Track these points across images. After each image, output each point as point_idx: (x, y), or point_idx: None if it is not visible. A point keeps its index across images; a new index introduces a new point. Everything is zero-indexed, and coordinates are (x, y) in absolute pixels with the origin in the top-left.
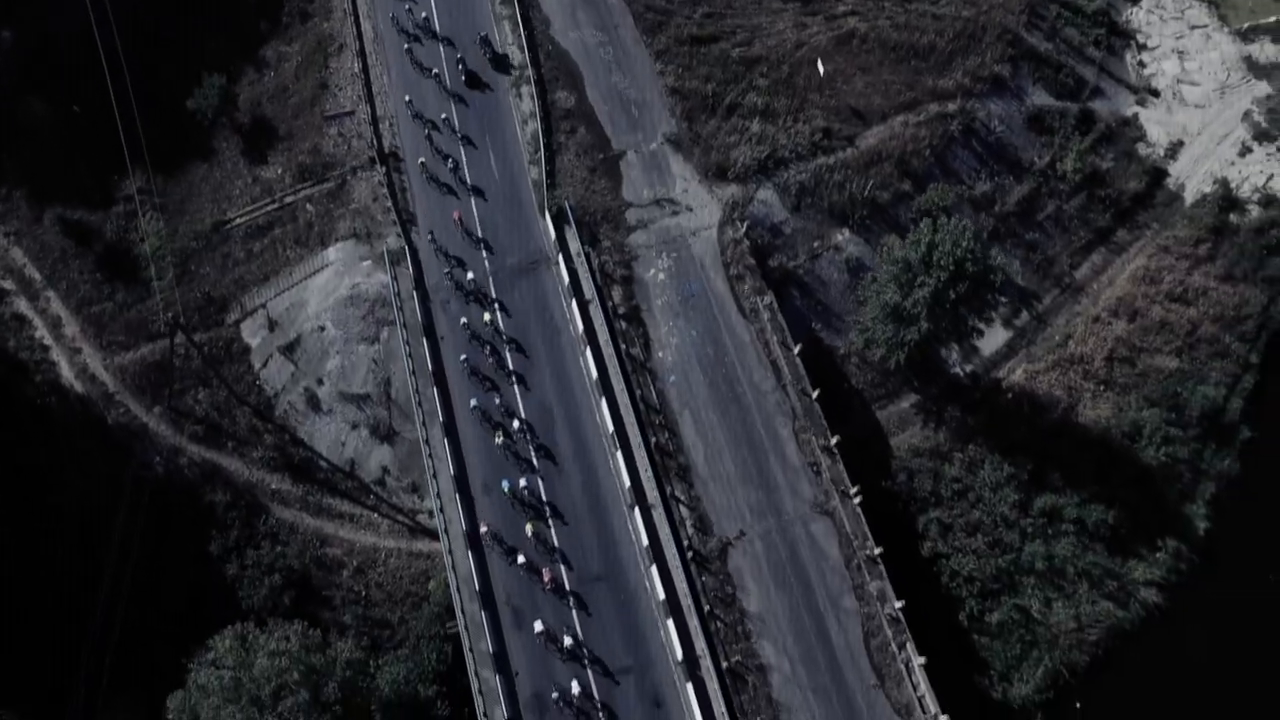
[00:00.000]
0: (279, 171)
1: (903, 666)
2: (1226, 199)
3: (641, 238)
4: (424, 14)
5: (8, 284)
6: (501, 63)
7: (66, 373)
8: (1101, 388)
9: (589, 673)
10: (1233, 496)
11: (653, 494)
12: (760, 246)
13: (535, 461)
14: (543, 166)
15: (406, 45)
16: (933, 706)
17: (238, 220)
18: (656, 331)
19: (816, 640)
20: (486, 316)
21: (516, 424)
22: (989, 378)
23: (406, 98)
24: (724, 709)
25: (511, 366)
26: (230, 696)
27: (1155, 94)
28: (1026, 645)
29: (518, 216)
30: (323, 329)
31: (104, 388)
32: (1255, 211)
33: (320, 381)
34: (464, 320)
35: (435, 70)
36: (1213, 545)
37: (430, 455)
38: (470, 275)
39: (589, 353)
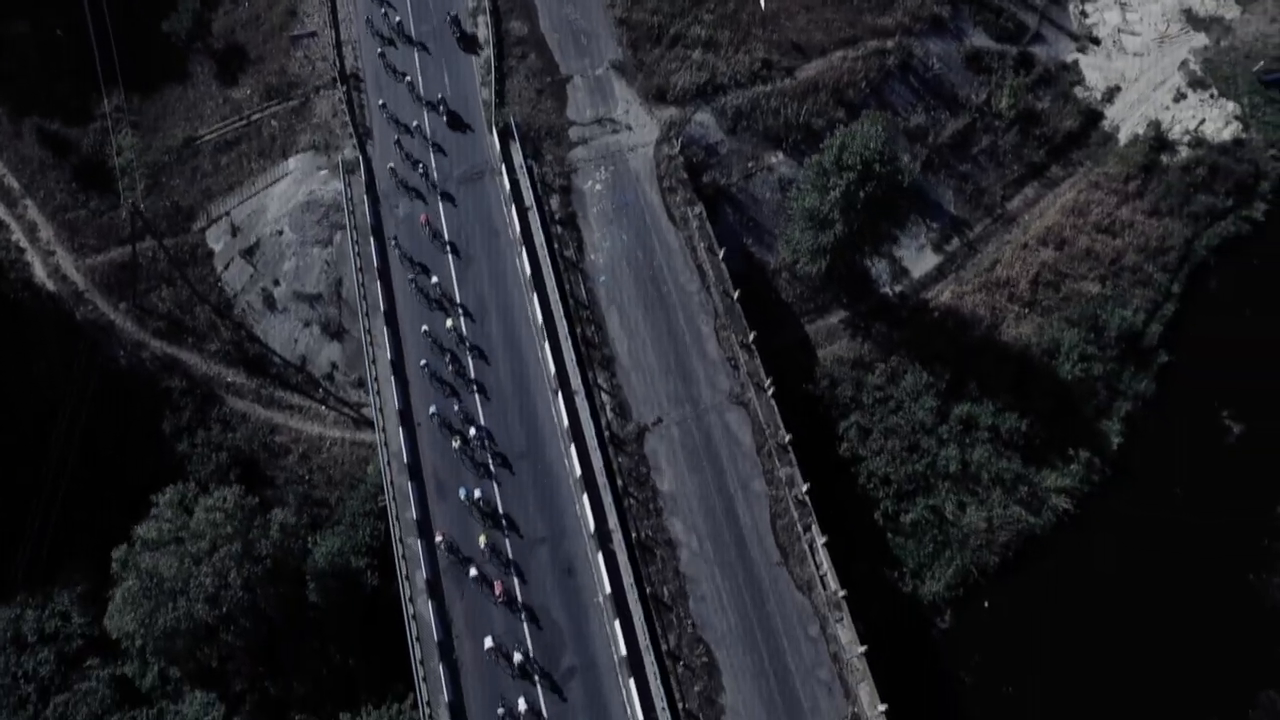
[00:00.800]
0: (248, 92)
1: (806, 547)
2: (1158, 140)
3: (582, 153)
4: None
5: None
6: None
7: (39, 273)
8: (1025, 309)
9: (506, 540)
10: (1148, 416)
11: (576, 382)
12: (695, 164)
13: (469, 352)
14: (493, 88)
15: None
16: (833, 584)
17: (207, 136)
18: (590, 236)
19: (725, 519)
20: (428, 216)
21: (450, 322)
22: (917, 298)
23: (367, 18)
24: (632, 579)
25: (452, 267)
26: (168, 548)
27: (1096, 41)
28: (938, 545)
29: (466, 131)
30: (280, 233)
31: (74, 287)
32: (1185, 152)
33: (276, 282)
34: (407, 218)
35: None
36: (1126, 460)
37: (370, 343)
38: (420, 175)
39: (524, 253)
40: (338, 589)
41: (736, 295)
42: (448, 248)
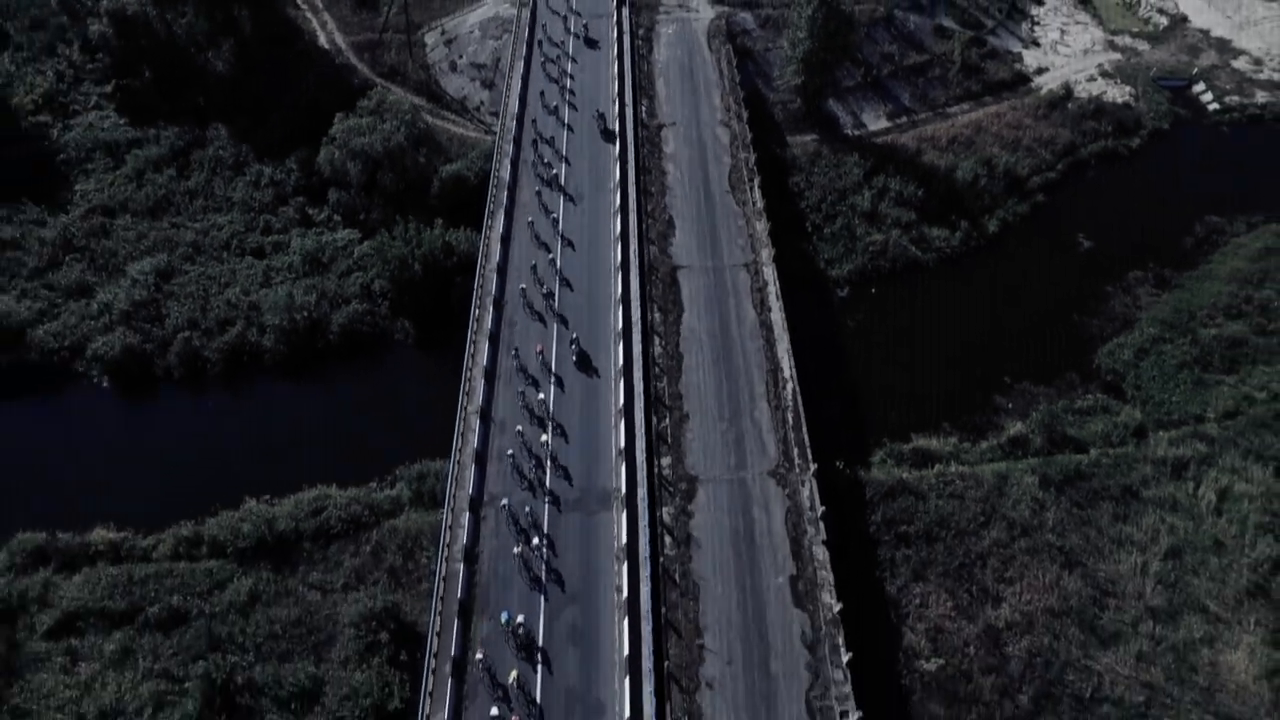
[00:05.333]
0: None
1: (751, 194)
2: (1067, 91)
3: (663, 17)
4: None
5: (309, 9)
6: None
7: (323, 41)
8: (941, 152)
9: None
10: (1019, 223)
11: (629, 108)
12: (733, 33)
13: (567, 97)
14: None
15: None
16: (760, 226)
17: None
18: (657, 51)
19: (701, 177)
20: (567, 51)
21: (565, 83)
22: (869, 138)
23: None
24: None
25: (570, 51)
26: (361, 132)
27: (1037, 44)
28: (847, 248)
29: None
30: (471, 32)
31: (339, 49)
32: (1084, 99)
33: (460, 57)
34: (550, 31)
35: None
36: (998, 240)
37: (507, 91)
38: (561, 14)
39: (616, 50)
40: (451, 188)
41: (738, 80)
42: (570, 48)
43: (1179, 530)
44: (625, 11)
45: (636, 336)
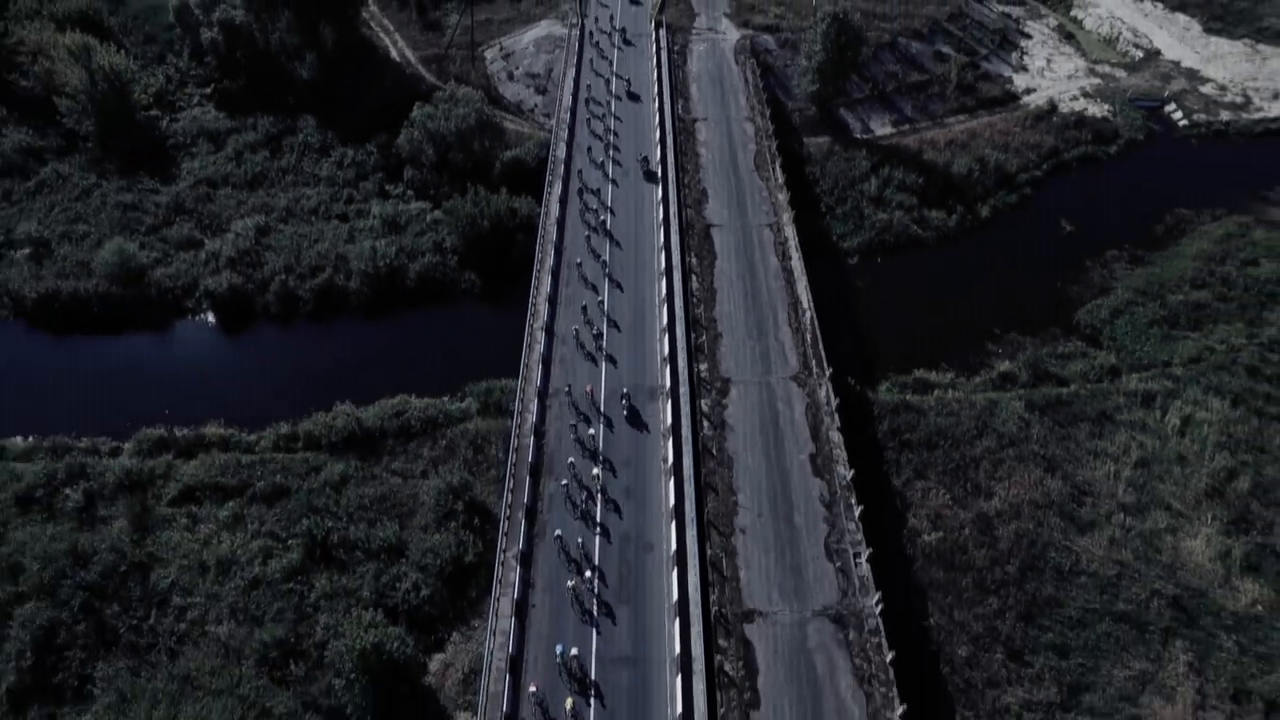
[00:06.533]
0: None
1: (773, 171)
2: (1052, 107)
3: (695, 37)
4: None
5: (380, 29)
6: None
7: (394, 55)
8: (939, 152)
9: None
10: (1009, 211)
11: (667, 103)
12: (756, 51)
13: (614, 107)
14: (660, 4)
15: None
16: (783, 196)
17: (502, 17)
18: (691, 62)
19: (730, 160)
20: (611, 63)
21: (610, 76)
22: (875, 141)
23: None
24: None
25: (615, 66)
26: (436, 118)
27: (1025, 70)
28: (856, 225)
29: (640, 18)
30: (526, 48)
31: (409, 61)
32: (1066, 112)
33: (516, 68)
34: (597, 50)
35: None
36: (989, 224)
37: (561, 89)
38: (606, 31)
39: (654, 62)
40: (511, 169)
41: (761, 85)
42: (615, 59)
43: (1147, 446)
44: (662, 31)
45: (678, 277)
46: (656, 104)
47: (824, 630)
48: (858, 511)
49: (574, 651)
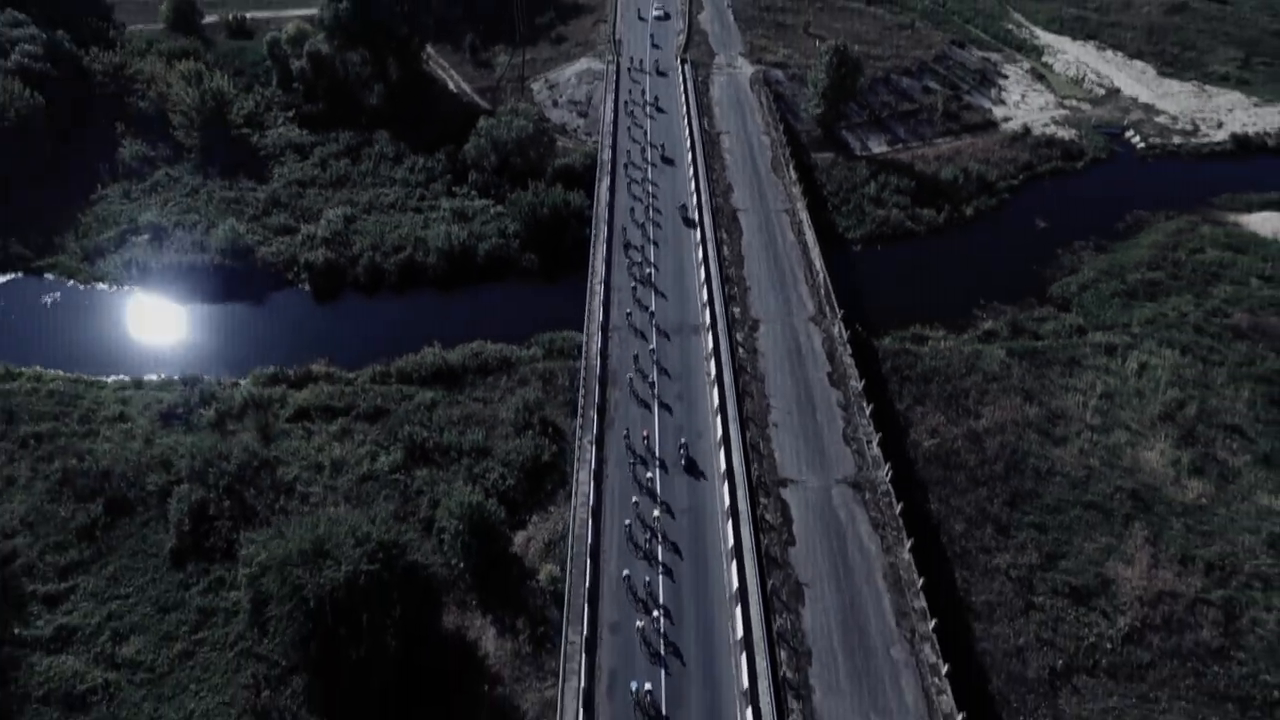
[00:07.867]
0: (567, 44)
1: (788, 170)
2: (1026, 130)
3: (716, 72)
4: None
5: (438, 66)
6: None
7: (451, 86)
8: (928, 165)
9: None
10: (988, 212)
11: (694, 116)
12: (769, 82)
13: (650, 110)
14: (684, 46)
15: None
16: (796, 187)
17: (545, 56)
18: (712, 90)
19: (747, 155)
20: (644, 89)
21: (644, 101)
22: (874, 156)
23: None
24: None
25: (648, 93)
26: (496, 127)
27: (1003, 103)
28: (858, 220)
29: (668, 54)
30: (569, 80)
31: (466, 92)
32: (1039, 134)
33: (560, 95)
34: (632, 82)
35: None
36: (973, 221)
37: (604, 106)
38: (640, 65)
39: (682, 92)
40: (562, 173)
41: (775, 108)
42: (648, 85)
43: (1110, 384)
44: (687, 66)
45: (711, 246)
46: (686, 121)
47: (845, 493)
48: (869, 410)
49: (634, 499)
